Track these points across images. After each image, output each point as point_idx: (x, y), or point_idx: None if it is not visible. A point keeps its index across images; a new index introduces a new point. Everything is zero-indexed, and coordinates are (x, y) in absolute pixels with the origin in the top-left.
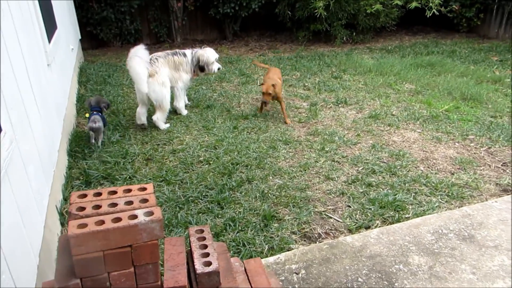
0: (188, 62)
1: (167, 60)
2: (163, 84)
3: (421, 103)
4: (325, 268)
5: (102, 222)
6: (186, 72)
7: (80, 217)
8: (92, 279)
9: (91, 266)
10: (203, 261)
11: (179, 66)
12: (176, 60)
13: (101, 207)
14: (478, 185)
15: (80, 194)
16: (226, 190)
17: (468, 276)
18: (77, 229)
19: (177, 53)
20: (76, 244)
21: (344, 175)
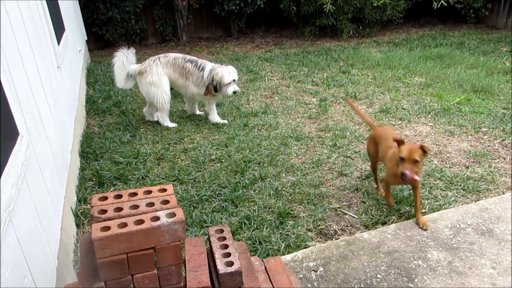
0: (201, 77)
1: (174, 63)
2: (152, 83)
3: (432, 96)
4: (343, 265)
5: (124, 225)
6: (196, 85)
7: (102, 220)
8: (116, 281)
9: (115, 268)
10: (225, 261)
11: (189, 75)
12: (187, 68)
13: (122, 209)
14: (493, 178)
15: (101, 197)
16: (239, 188)
17: (488, 270)
18: (101, 232)
19: (193, 62)
20: (100, 247)
21: (357, 170)
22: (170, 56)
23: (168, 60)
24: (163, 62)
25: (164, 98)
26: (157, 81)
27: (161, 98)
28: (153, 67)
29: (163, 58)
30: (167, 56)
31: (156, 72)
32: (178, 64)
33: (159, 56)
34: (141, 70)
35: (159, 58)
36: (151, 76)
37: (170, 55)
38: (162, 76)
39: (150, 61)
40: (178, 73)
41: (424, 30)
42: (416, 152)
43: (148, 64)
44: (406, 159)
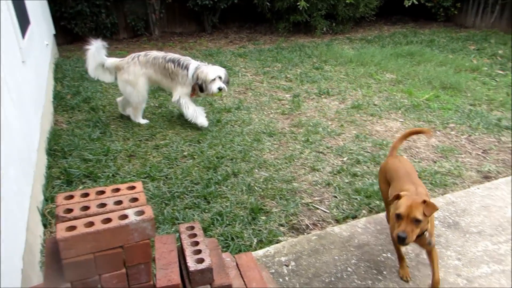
0: (186, 76)
1: (154, 63)
2: (128, 82)
3: (402, 92)
4: (315, 259)
5: (91, 224)
6: (183, 85)
7: (68, 219)
8: (82, 282)
9: (82, 269)
10: (196, 258)
11: (174, 76)
12: (169, 68)
13: (89, 208)
14: (460, 172)
15: (67, 196)
16: (212, 185)
17: (453, 262)
18: (66, 232)
19: (175, 61)
20: (66, 247)
21: (329, 166)
22: (150, 56)
23: (148, 60)
24: (142, 62)
25: (138, 98)
26: (133, 81)
27: (136, 97)
28: (131, 66)
29: (142, 57)
30: (147, 55)
31: (133, 71)
32: (159, 65)
33: (140, 54)
34: (118, 66)
35: (138, 56)
36: (128, 74)
37: (150, 54)
38: (138, 76)
39: (129, 59)
40: (160, 74)
41: (396, 28)
42: (417, 208)
43: (126, 62)
44: (404, 217)
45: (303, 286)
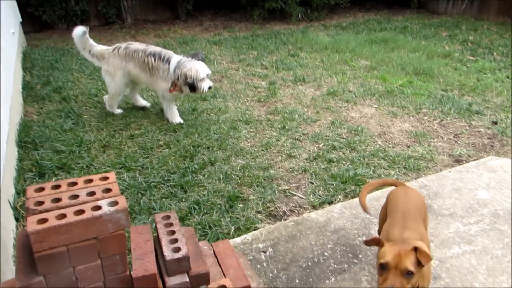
0: (167, 70)
1: (134, 57)
2: (108, 72)
3: (377, 78)
4: (292, 245)
5: (63, 216)
6: (164, 80)
7: (39, 212)
8: (56, 275)
9: (55, 262)
10: (172, 247)
11: (154, 70)
12: (149, 62)
13: (61, 200)
14: (432, 156)
15: (37, 188)
16: (188, 174)
17: None
18: (37, 225)
19: (156, 55)
20: (37, 240)
21: (305, 152)
22: (130, 48)
23: (127, 53)
24: (122, 55)
25: (115, 90)
26: (112, 73)
27: (113, 89)
28: (111, 57)
29: (122, 50)
30: (127, 48)
31: (112, 63)
32: (139, 59)
33: (121, 46)
34: (102, 55)
35: (119, 49)
36: (107, 65)
37: (131, 47)
38: (117, 69)
39: (111, 49)
40: (139, 69)
41: (370, 15)
42: (408, 257)
43: (108, 52)
44: (392, 269)
45: (281, 272)
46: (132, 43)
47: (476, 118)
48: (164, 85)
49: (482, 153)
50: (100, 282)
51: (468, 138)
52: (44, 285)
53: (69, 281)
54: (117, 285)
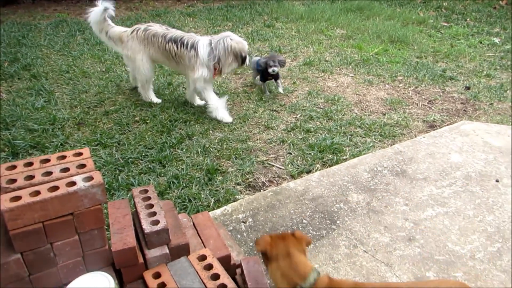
0: (195, 57)
1: (153, 42)
2: (128, 58)
3: (352, 47)
4: (271, 214)
5: (37, 193)
6: (192, 69)
7: (11, 190)
8: (33, 252)
9: (31, 239)
10: (150, 220)
11: (179, 59)
12: (171, 50)
13: (34, 177)
14: (407, 123)
15: (9, 166)
16: (166, 148)
17: (401, 207)
18: (11, 203)
19: (177, 41)
20: (11, 218)
21: (283, 123)
22: (149, 31)
23: (146, 37)
24: (140, 38)
25: (141, 76)
26: (132, 57)
27: (139, 75)
28: (129, 41)
29: (141, 32)
30: (146, 30)
31: (131, 47)
32: (159, 45)
33: (140, 27)
34: (121, 38)
35: (137, 30)
36: (127, 50)
37: (151, 29)
38: (136, 53)
39: (129, 32)
40: (162, 56)
41: None
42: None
43: (127, 35)
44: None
45: None
46: (152, 24)
47: (449, 84)
48: (192, 74)
49: (455, 118)
50: (79, 257)
51: (442, 103)
52: (22, 263)
53: (47, 257)
54: (97, 260)
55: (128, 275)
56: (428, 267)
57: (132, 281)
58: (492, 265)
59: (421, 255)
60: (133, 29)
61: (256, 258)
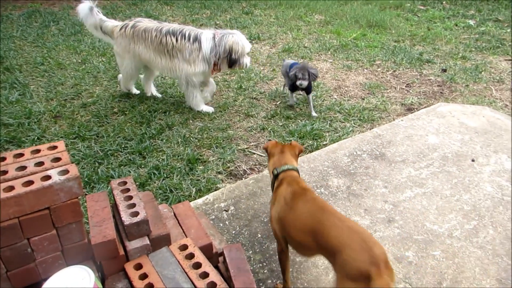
0: (197, 50)
1: (145, 37)
2: (118, 54)
3: (331, 33)
4: (253, 202)
5: (11, 188)
6: (190, 63)
7: None
8: (10, 248)
9: (7, 235)
10: (130, 212)
11: (175, 52)
12: (168, 43)
13: (7, 173)
14: (386, 107)
15: None
16: (146, 139)
17: (381, 190)
18: None
19: (177, 33)
20: None
21: (263, 111)
22: (139, 27)
23: (136, 33)
24: (129, 35)
25: (126, 73)
26: (121, 54)
27: (124, 72)
28: (119, 38)
29: (129, 29)
30: (135, 27)
31: (120, 44)
32: (152, 39)
33: (128, 24)
34: (113, 33)
35: (126, 27)
36: (117, 45)
37: (140, 25)
38: (125, 52)
39: (120, 27)
40: (154, 52)
41: None
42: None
43: (118, 30)
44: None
45: (243, 228)
46: (140, 20)
47: (426, 67)
48: (190, 69)
49: (432, 100)
50: (57, 251)
51: (419, 86)
52: None
53: (25, 253)
54: (76, 254)
55: (109, 267)
56: (408, 246)
57: (113, 273)
58: (469, 242)
59: (400, 235)
60: (122, 26)
61: (239, 245)
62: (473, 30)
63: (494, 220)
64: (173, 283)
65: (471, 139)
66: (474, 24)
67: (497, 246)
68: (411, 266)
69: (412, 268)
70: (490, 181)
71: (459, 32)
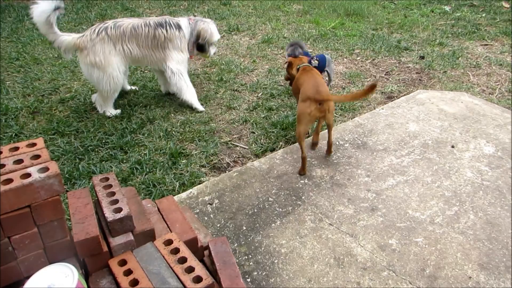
0: (184, 37)
1: (136, 35)
2: (95, 65)
3: (310, 23)
4: (237, 195)
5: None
6: (180, 50)
7: None
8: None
9: None
10: (113, 208)
11: (166, 43)
12: (160, 35)
13: None
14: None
15: None
16: (127, 134)
17: (364, 179)
18: None
19: (165, 25)
20: None
21: (245, 103)
22: (124, 26)
23: (124, 32)
24: (114, 37)
25: (110, 85)
26: (102, 62)
27: (107, 84)
28: (97, 45)
29: (111, 30)
30: (119, 27)
31: (102, 51)
32: (146, 35)
33: (105, 26)
34: (79, 46)
35: (105, 30)
36: (94, 55)
37: (122, 23)
38: (111, 56)
39: (91, 34)
40: (146, 48)
41: None
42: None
43: (89, 39)
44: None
45: (228, 221)
46: (118, 20)
47: (405, 55)
48: (180, 57)
49: (411, 88)
50: (39, 249)
51: (398, 74)
52: None
53: (6, 251)
54: (59, 251)
55: (93, 264)
56: (391, 234)
57: (97, 270)
58: (451, 228)
59: (384, 223)
60: (95, 31)
61: (224, 238)
62: (449, 16)
63: (475, 205)
64: (159, 278)
65: (450, 125)
66: (450, 10)
67: (478, 231)
68: (394, 254)
69: (395, 256)
70: (470, 167)
71: (436, 19)
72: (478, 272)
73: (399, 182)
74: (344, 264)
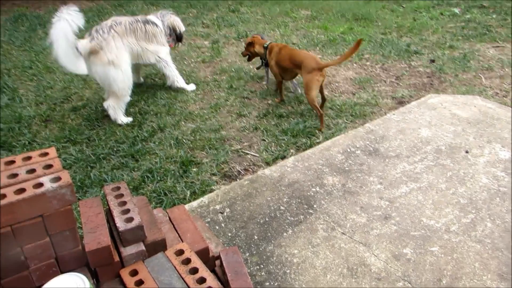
0: (162, 32)
1: (134, 30)
2: (112, 63)
3: (318, 28)
4: (248, 203)
5: (3, 196)
6: (163, 44)
7: None
8: (3, 256)
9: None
10: (125, 218)
11: (153, 38)
12: (149, 30)
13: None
14: (377, 101)
15: None
16: (138, 142)
17: (376, 186)
18: None
19: (149, 22)
20: None
21: (255, 110)
22: (123, 23)
23: (126, 28)
24: (121, 32)
25: (125, 82)
26: (118, 60)
27: (123, 81)
28: (110, 42)
29: (117, 26)
30: (119, 24)
31: (116, 47)
32: (141, 29)
33: (108, 24)
34: (93, 48)
35: (112, 27)
36: (110, 53)
37: (121, 20)
38: (123, 52)
39: (101, 34)
40: (143, 41)
41: None
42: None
43: (101, 39)
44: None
45: (240, 230)
46: (115, 18)
47: (415, 58)
48: (166, 49)
49: (422, 92)
50: (51, 259)
51: (409, 79)
52: None
53: (18, 261)
54: (71, 261)
55: (104, 274)
56: (405, 243)
57: (108, 280)
58: (467, 237)
59: (398, 232)
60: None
61: (235, 248)
62: (458, 18)
63: (492, 213)
64: None
65: (464, 130)
66: (460, 12)
67: (496, 239)
68: (409, 264)
69: (410, 266)
70: (485, 172)
71: (445, 21)
72: (498, 282)
73: (412, 189)
74: (357, 274)
